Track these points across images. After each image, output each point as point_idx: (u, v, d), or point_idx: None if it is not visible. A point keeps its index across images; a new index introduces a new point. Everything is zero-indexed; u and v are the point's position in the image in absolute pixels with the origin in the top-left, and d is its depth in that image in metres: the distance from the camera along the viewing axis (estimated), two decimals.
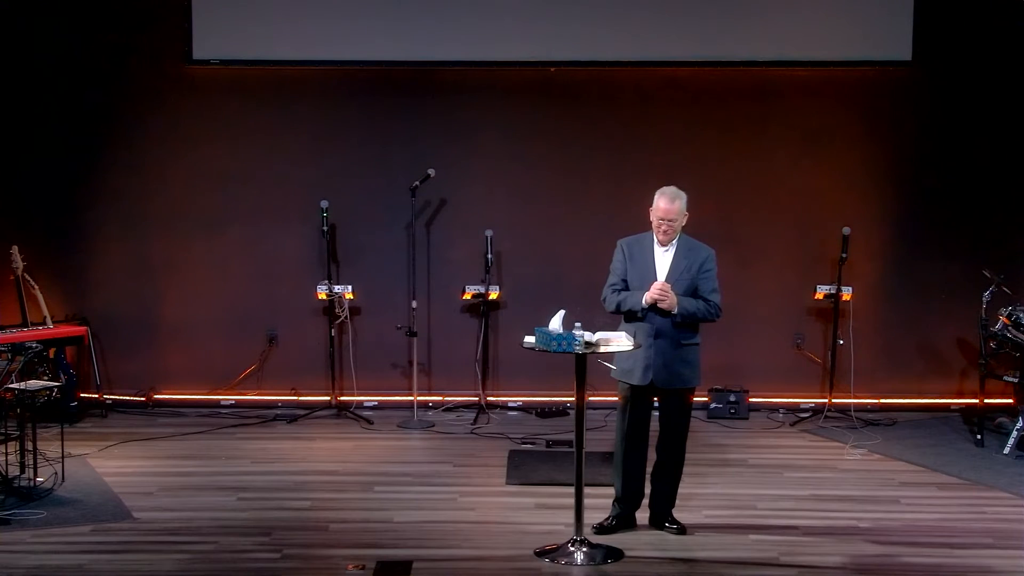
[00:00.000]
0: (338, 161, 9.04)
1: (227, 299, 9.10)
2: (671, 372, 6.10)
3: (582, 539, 5.86)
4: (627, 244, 6.24)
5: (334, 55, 8.87)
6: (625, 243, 6.25)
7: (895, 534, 6.19)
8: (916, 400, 8.95)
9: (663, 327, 6.07)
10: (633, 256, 6.18)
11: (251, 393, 9.08)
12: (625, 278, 6.17)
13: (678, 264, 6.13)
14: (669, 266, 6.13)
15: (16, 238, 8.67)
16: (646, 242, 6.21)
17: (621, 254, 6.22)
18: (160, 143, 9.00)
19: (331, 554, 5.88)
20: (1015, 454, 7.69)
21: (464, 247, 9.02)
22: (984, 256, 8.55)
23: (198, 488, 6.99)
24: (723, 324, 8.98)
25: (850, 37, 8.81)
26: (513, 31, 8.81)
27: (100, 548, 5.94)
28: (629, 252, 6.20)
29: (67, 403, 8.38)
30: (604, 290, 6.23)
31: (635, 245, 6.22)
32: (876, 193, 9.03)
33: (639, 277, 6.13)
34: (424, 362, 9.00)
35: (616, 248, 6.27)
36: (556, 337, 5.82)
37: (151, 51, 8.93)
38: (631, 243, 6.24)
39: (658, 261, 6.15)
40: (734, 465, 7.53)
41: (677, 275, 6.10)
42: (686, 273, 6.12)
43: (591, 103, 9.01)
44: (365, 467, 7.48)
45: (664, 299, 6.00)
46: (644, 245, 6.20)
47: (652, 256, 6.16)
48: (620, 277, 6.18)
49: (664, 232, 6.10)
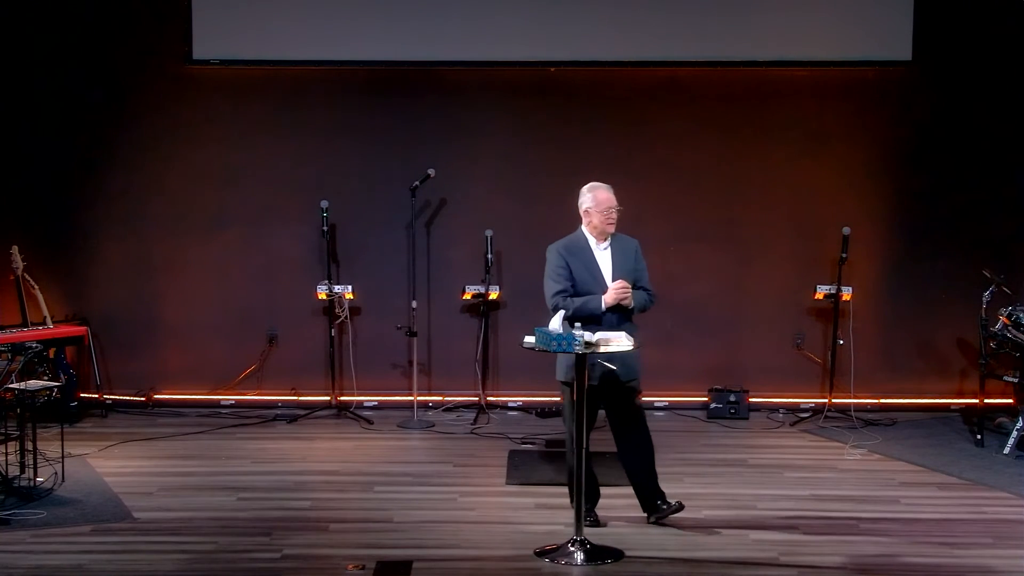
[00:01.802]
0: (338, 161, 9.05)
1: (227, 299, 9.10)
2: (627, 366, 6.17)
3: (582, 539, 5.85)
4: (563, 248, 6.22)
5: (334, 55, 8.88)
6: (561, 247, 6.22)
7: (895, 534, 6.18)
8: (916, 400, 8.95)
9: (617, 324, 6.14)
10: (574, 258, 6.19)
11: (251, 393, 9.09)
12: (571, 282, 6.16)
13: (619, 258, 6.24)
14: (612, 263, 6.23)
15: (16, 238, 8.67)
16: (581, 243, 6.24)
17: (561, 259, 6.18)
18: (160, 143, 9.01)
19: (331, 554, 5.87)
20: (1015, 454, 7.69)
21: (464, 247, 9.03)
22: (984, 256, 8.55)
23: (198, 488, 6.99)
24: (723, 324, 9.10)
25: (850, 37, 8.81)
26: (513, 31, 8.81)
27: (100, 548, 5.94)
28: (569, 255, 6.19)
29: (67, 403, 8.39)
30: (553, 299, 6.12)
31: (572, 247, 6.23)
32: (876, 193, 9.04)
33: (588, 278, 6.16)
34: (424, 362, 9.00)
35: (551, 254, 6.22)
36: (556, 337, 5.82)
37: (151, 51, 8.94)
38: (567, 246, 6.23)
39: (600, 259, 6.22)
40: (734, 465, 7.53)
41: (622, 271, 6.21)
42: (627, 266, 6.24)
43: (591, 103, 9.01)
44: (365, 467, 7.48)
45: (626, 297, 6.10)
46: (581, 246, 6.23)
47: (593, 256, 6.22)
48: (568, 282, 6.16)
49: (613, 223, 6.19)
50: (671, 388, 9.01)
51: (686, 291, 9.04)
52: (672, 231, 9.05)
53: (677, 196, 9.06)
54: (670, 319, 9.03)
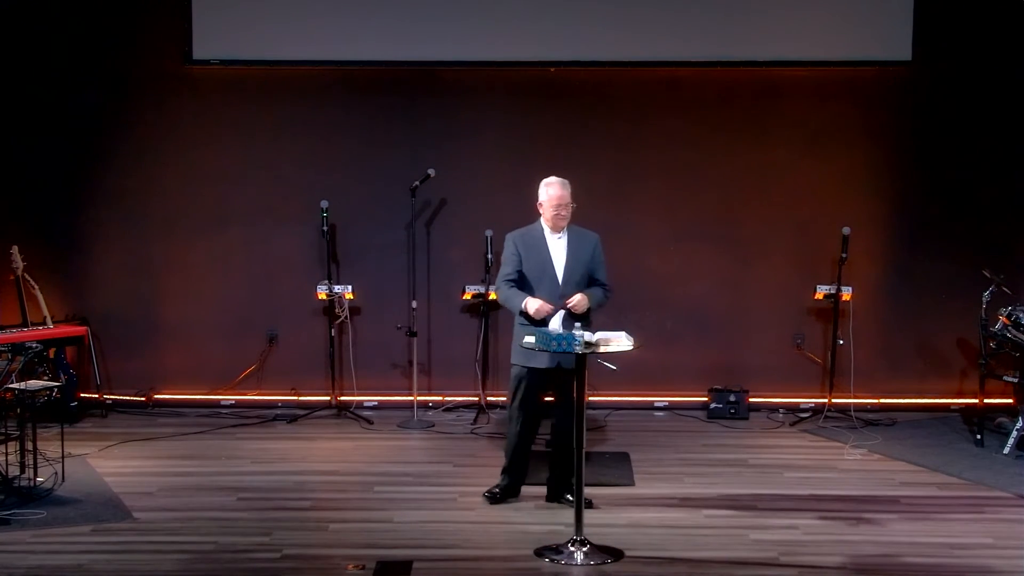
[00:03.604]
0: (338, 161, 9.05)
1: (227, 299, 9.10)
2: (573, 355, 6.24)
3: (582, 539, 5.86)
4: (519, 237, 6.54)
5: (334, 55, 8.87)
6: (517, 236, 6.54)
7: (895, 534, 6.19)
8: (916, 400, 8.95)
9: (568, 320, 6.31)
10: (527, 248, 6.50)
11: (251, 393, 9.09)
12: (520, 269, 6.46)
13: (573, 250, 6.47)
14: (565, 254, 6.45)
15: (16, 238, 8.67)
16: (537, 233, 6.52)
17: (514, 247, 6.51)
18: (160, 143, 9.01)
19: (331, 554, 5.88)
20: (1015, 454, 7.69)
21: (464, 247, 9.02)
22: (984, 256, 8.54)
23: (198, 488, 6.99)
24: (723, 324, 9.10)
25: (850, 37, 8.81)
26: (513, 31, 8.81)
27: (100, 548, 5.94)
28: (523, 244, 6.51)
29: (67, 403, 8.38)
30: (498, 281, 6.54)
31: (527, 237, 6.53)
32: (876, 193, 9.03)
33: (537, 267, 6.46)
34: (424, 362, 9.00)
35: (507, 242, 6.57)
36: (556, 337, 5.83)
37: (151, 51, 8.94)
38: (523, 235, 6.54)
39: (553, 250, 6.48)
40: (734, 465, 7.53)
41: (575, 263, 6.46)
42: (581, 259, 6.46)
43: (591, 103, 9.01)
44: (365, 467, 7.48)
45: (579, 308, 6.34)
46: (536, 236, 6.51)
47: (546, 246, 6.47)
48: (515, 269, 6.47)
49: (563, 218, 6.43)
50: (671, 388, 9.02)
51: (686, 291, 9.04)
52: (672, 231, 9.05)
53: (677, 196, 9.06)
54: (670, 319, 9.04)
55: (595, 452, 7.32)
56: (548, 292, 6.40)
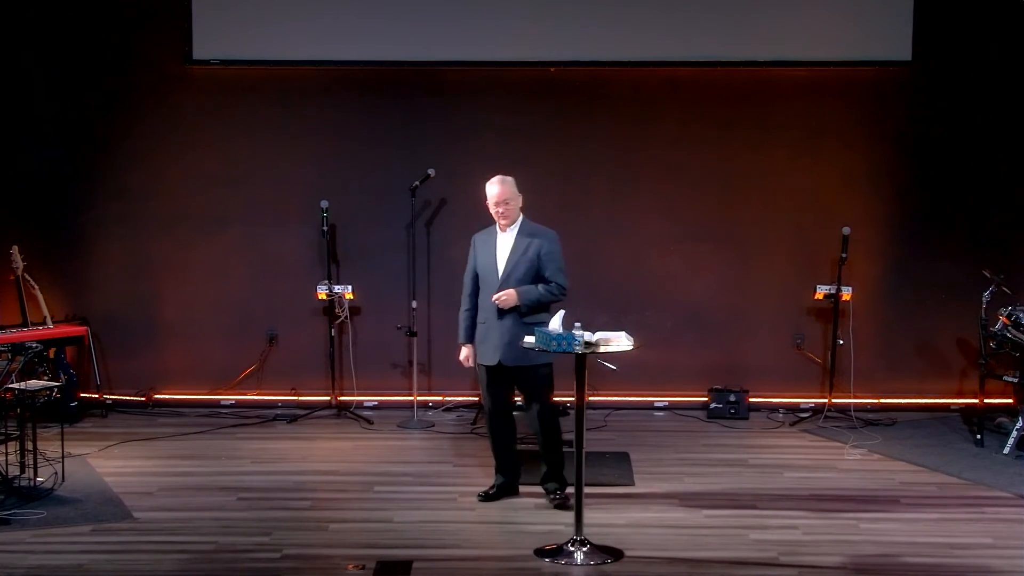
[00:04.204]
0: (338, 161, 9.05)
1: (227, 299, 9.10)
2: (516, 351, 6.36)
3: (582, 539, 5.86)
4: (477, 237, 6.73)
5: (334, 55, 8.87)
6: (476, 236, 6.74)
7: (895, 534, 6.18)
8: (916, 400, 8.95)
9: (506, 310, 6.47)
10: (481, 246, 6.67)
11: (251, 393, 9.09)
12: (476, 269, 6.65)
13: (517, 247, 6.53)
14: (509, 251, 6.56)
15: (16, 238, 8.68)
16: (491, 231, 6.67)
17: (472, 247, 6.72)
18: (160, 143, 9.01)
19: (331, 554, 5.88)
20: (1015, 454, 7.68)
21: (464, 247, 8.98)
22: (984, 256, 8.54)
23: (198, 488, 6.99)
24: (723, 324, 9.10)
25: (850, 37, 8.80)
26: (513, 31, 8.81)
27: (100, 548, 5.94)
28: (479, 243, 6.69)
29: (67, 403, 8.39)
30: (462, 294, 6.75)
31: (483, 236, 6.70)
32: (876, 193, 9.03)
33: (486, 265, 6.60)
34: (424, 362, 9.00)
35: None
36: (556, 337, 5.83)
37: (151, 51, 8.94)
38: (480, 235, 6.72)
39: (500, 246, 6.59)
40: (734, 465, 7.53)
41: (516, 258, 6.52)
42: (524, 255, 6.50)
43: (591, 103, 9.00)
44: (365, 467, 7.49)
45: (505, 304, 6.43)
46: (490, 234, 6.67)
47: (495, 242, 6.61)
48: (472, 270, 6.68)
49: (503, 215, 6.51)
50: (671, 388, 9.02)
51: (686, 291, 9.04)
52: (672, 231, 9.05)
53: (677, 196, 9.06)
54: (670, 319, 9.04)
55: (595, 452, 7.32)
56: (490, 289, 6.54)
